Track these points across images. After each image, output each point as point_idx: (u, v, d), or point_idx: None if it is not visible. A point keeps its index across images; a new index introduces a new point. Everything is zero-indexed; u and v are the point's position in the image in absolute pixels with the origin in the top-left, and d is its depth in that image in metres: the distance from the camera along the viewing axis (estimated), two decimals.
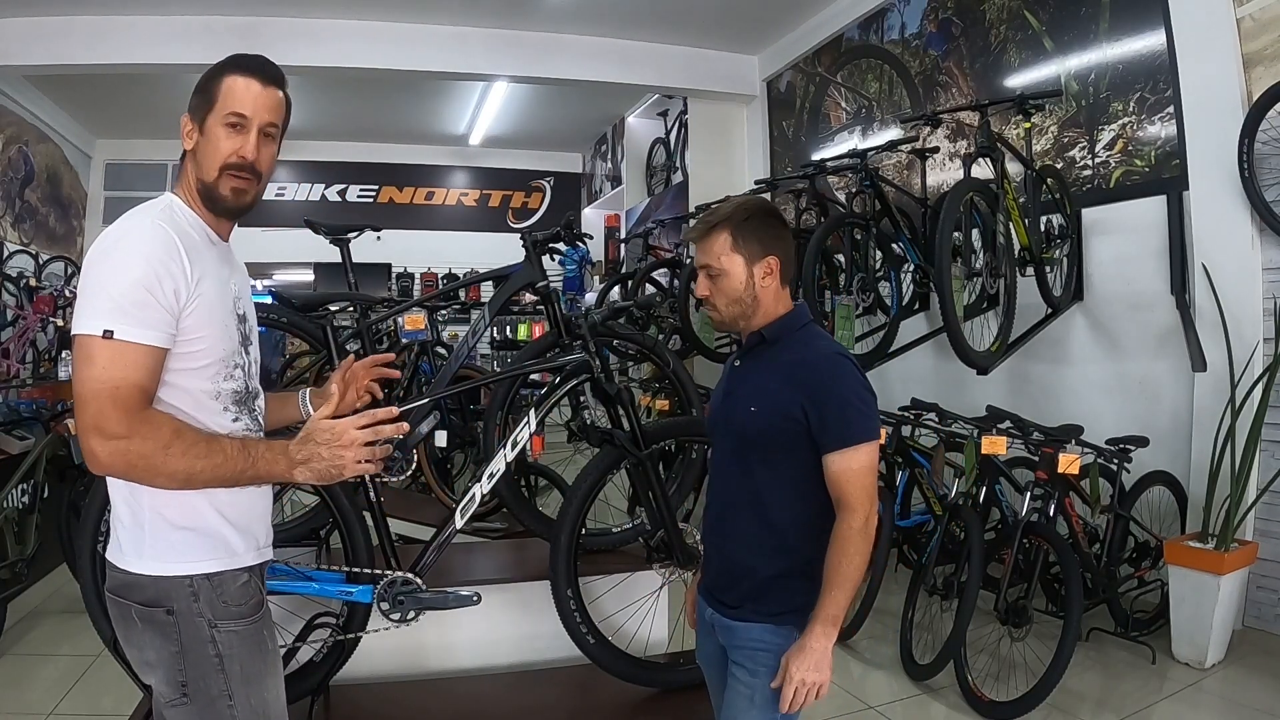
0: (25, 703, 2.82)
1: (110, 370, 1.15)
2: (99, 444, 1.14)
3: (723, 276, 1.56)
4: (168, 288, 1.20)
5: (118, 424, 1.15)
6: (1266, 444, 3.23)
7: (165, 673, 1.26)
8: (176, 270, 1.21)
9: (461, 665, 2.44)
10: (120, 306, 1.16)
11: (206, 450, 1.20)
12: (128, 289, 1.17)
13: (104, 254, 1.20)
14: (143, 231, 1.22)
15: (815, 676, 1.42)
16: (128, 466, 1.17)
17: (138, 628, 1.26)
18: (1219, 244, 3.46)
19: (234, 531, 1.31)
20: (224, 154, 1.30)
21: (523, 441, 2.12)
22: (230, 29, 5.66)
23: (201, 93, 1.31)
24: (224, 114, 1.29)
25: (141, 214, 1.27)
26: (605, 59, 6.52)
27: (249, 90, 1.30)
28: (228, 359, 1.31)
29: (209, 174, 1.31)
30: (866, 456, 1.47)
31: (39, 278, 6.88)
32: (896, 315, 4.05)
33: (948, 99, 5.04)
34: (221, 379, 1.31)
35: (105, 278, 1.18)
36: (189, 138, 1.32)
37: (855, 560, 1.44)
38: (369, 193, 9.80)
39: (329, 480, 1.30)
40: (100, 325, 1.15)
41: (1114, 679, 3.05)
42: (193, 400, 1.27)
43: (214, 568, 1.27)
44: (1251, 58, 3.38)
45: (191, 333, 1.24)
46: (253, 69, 1.32)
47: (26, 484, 3.66)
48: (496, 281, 2.71)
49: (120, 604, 1.27)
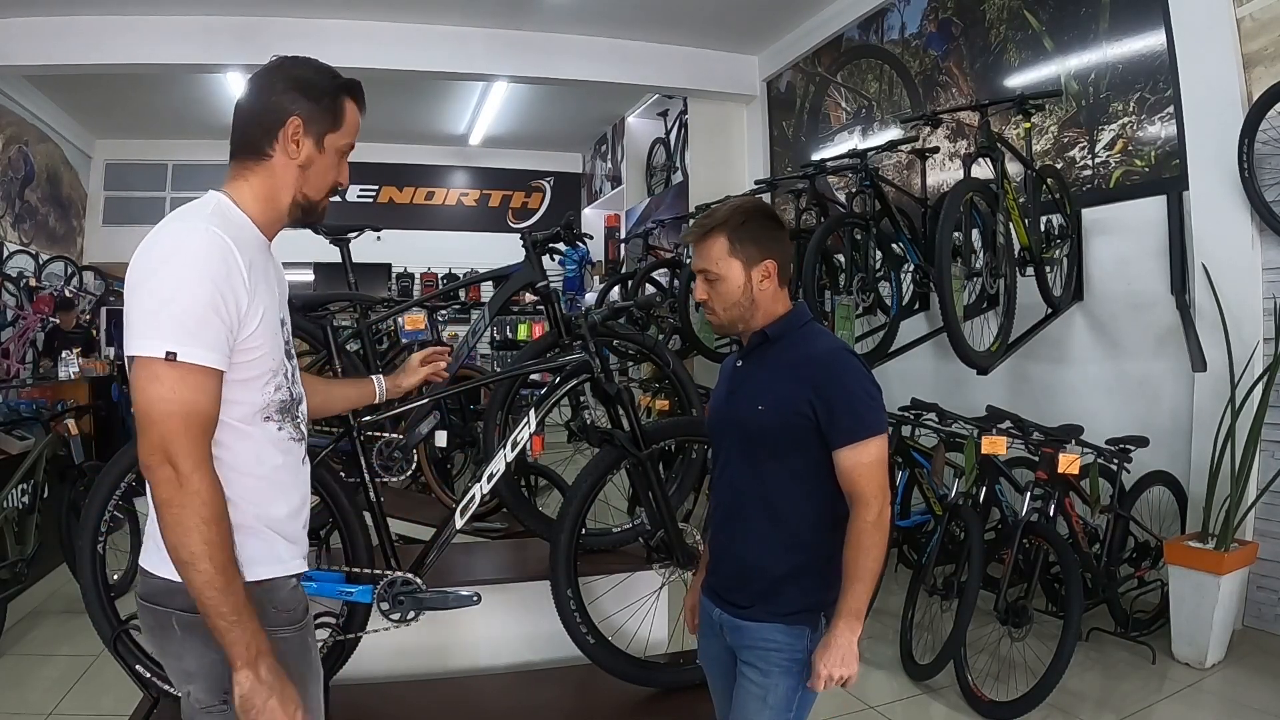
0: (25, 703, 2.82)
1: (179, 392, 1.09)
2: (159, 466, 1.10)
3: (720, 281, 1.55)
4: (230, 303, 1.13)
5: (185, 454, 1.10)
6: (1266, 444, 3.23)
7: (207, 681, 1.20)
8: (238, 283, 1.15)
9: (461, 665, 2.44)
10: (183, 326, 1.09)
11: (223, 564, 1.12)
12: (190, 306, 1.10)
13: (160, 264, 1.12)
14: (202, 241, 1.14)
15: (843, 670, 1.44)
16: (164, 503, 1.11)
17: (177, 636, 1.20)
18: (1219, 244, 3.46)
19: (281, 539, 1.27)
20: (335, 179, 1.31)
21: (523, 441, 2.12)
22: (230, 29, 5.67)
23: (322, 106, 1.26)
24: (345, 141, 1.29)
25: (193, 218, 1.17)
26: (605, 59, 6.52)
27: (359, 121, 1.32)
28: (277, 369, 1.26)
29: (317, 193, 1.30)
30: (877, 450, 1.47)
31: (39, 278, 6.90)
32: (896, 315, 4.05)
33: (948, 99, 5.04)
34: (271, 389, 1.25)
35: (165, 293, 1.10)
36: (297, 146, 1.24)
37: (873, 553, 1.45)
38: (369, 193, 9.81)
39: (244, 704, 1.14)
40: (163, 346, 1.08)
41: (1114, 679, 3.05)
42: (241, 412, 1.21)
43: (267, 574, 1.24)
44: (1251, 58, 3.38)
45: (248, 344, 1.19)
46: (361, 100, 1.33)
47: (26, 484, 3.66)
48: (496, 281, 2.72)
49: (159, 611, 1.21)
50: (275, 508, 1.26)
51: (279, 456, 1.27)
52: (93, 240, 8.74)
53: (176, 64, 5.91)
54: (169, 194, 9.01)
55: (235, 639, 1.13)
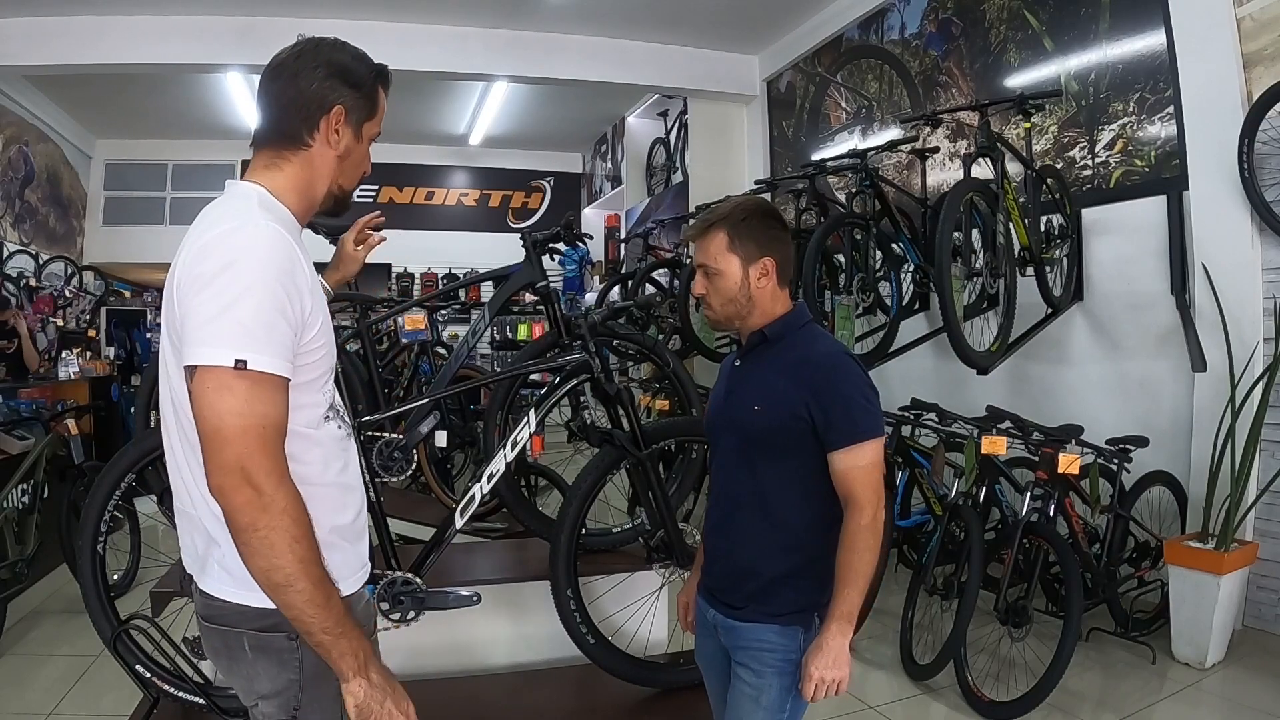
0: (25, 703, 2.82)
1: (254, 405, 1.02)
2: (237, 488, 1.01)
3: (719, 276, 1.56)
4: (295, 305, 1.07)
5: (266, 472, 1.02)
6: (1266, 444, 3.23)
7: (280, 699, 1.16)
8: (302, 282, 1.09)
9: (461, 665, 2.45)
10: (251, 332, 1.01)
11: (319, 579, 1.06)
12: (257, 311, 1.02)
13: (223, 269, 1.03)
14: (266, 240, 1.06)
15: (834, 673, 1.44)
16: (247, 527, 1.02)
17: (248, 658, 1.14)
18: (1219, 244, 3.46)
19: (352, 548, 1.23)
20: (366, 168, 1.28)
21: (523, 441, 2.12)
22: (230, 29, 5.67)
23: (363, 93, 1.22)
24: (376, 130, 1.26)
25: (243, 213, 1.09)
26: (605, 59, 6.52)
27: (385, 109, 1.28)
28: (332, 367, 1.21)
29: (350, 182, 1.26)
30: (872, 453, 1.48)
31: (39, 278, 6.89)
32: (896, 315, 4.05)
33: (948, 99, 5.04)
34: (329, 388, 1.20)
35: (228, 297, 1.02)
36: (339, 135, 1.19)
37: (866, 557, 1.45)
38: (369, 193, 9.80)
39: (362, 713, 1.12)
40: (231, 354, 1.00)
41: (1114, 679, 3.05)
42: (308, 417, 1.15)
43: (347, 590, 1.17)
44: (1251, 58, 3.38)
45: (313, 343, 1.12)
46: (389, 86, 1.28)
47: (26, 484, 3.66)
48: (496, 281, 2.71)
49: (228, 633, 1.15)
50: (343, 515, 1.22)
51: (340, 459, 1.22)
52: (93, 240, 8.74)
53: (176, 64, 5.90)
54: (169, 194, 9.01)
55: (343, 650, 1.08)
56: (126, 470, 2.05)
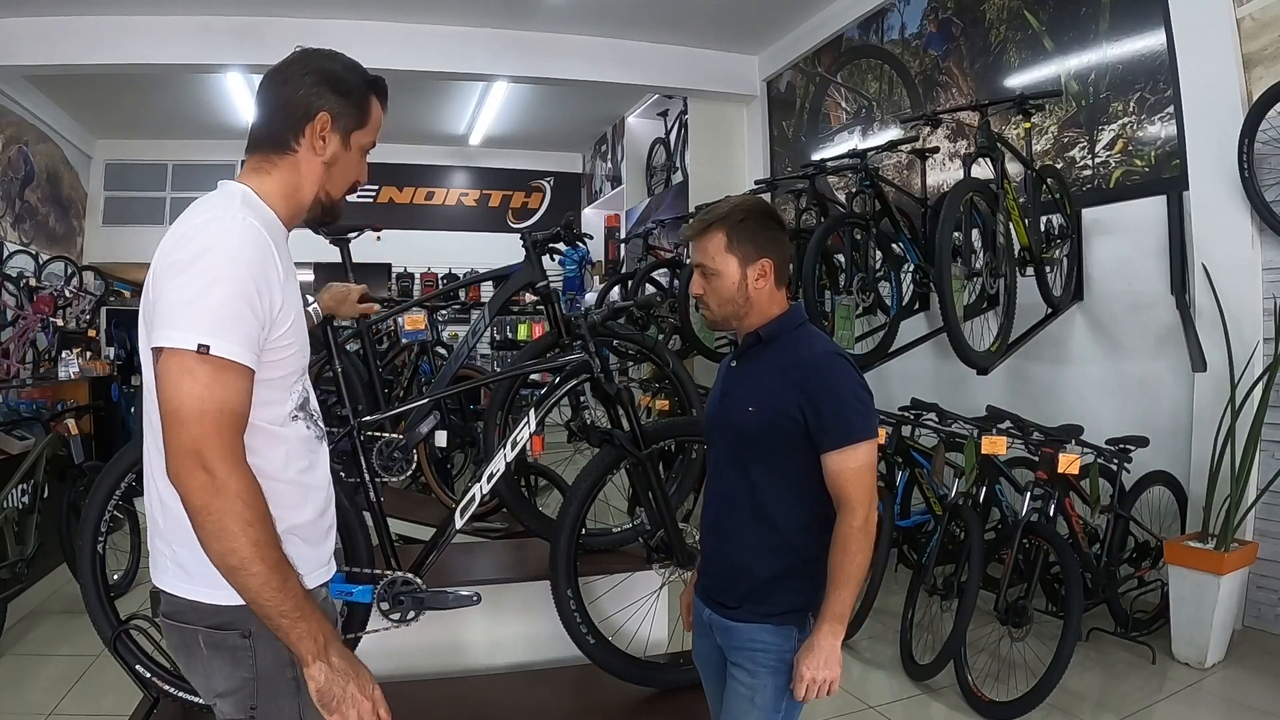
0: (25, 703, 2.82)
1: (214, 389, 1.03)
2: (191, 471, 1.02)
3: (716, 276, 1.56)
4: (265, 299, 1.09)
5: (221, 457, 1.03)
6: (1266, 444, 3.23)
7: (236, 697, 1.17)
8: (274, 278, 1.11)
9: (461, 665, 2.45)
10: (218, 319, 1.04)
11: (275, 561, 1.06)
12: (225, 299, 1.05)
13: (196, 258, 1.06)
14: (239, 232, 1.09)
15: (826, 674, 1.44)
16: (200, 510, 1.03)
17: (203, 654, 1.16)
18: (1219, 244, 3.46)
19: (308, 546, 1.23)
20: (357, 177, 1.29)
21: (523, 441, 2.11)
22: (230, 29, 5.67)
23: (351, 102, 1.23)
24: (368, 139, 1.27)
25: (223, 207, 1.13)
26: (605, 59, 6.52)
27: (381, 119, 1.29)
28: (303, 367, 1.23)
29: (338, 190, 1.28)
30: (865, 455, 1.48)
31: (39, 278, 6.89)
32: (896, 315, 4.05)
33: (948, 99, 5.04)
34: (299, 388, 1.22)
35: (200, 285, 1.05)
36: (324, 142, 1.21)
37: (857, 558, 1.45)
38: (369, 193, 9.80)
39: (323, 697, 1.11)
40: (195, 338, 1.03)
41: (1114, 679, 3.05)
42: (273, 414, 1.16)
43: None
44: (1251, 58, 3.38)
45: (281, 340, 1.14)
46: (385, 98, 1.30)
47: (26, 484, 3.66)
48: (496, 281, 2.72)
49: (185, 629, 1.16)
50: (301, 514, 1.23)
51: (304, 459, 1.23)
52: (93, 240, 8.73)
53: (176, 64, 5.90)
54: (169, 194, 9.01)
55: (302, 634, 1.08)
56: (126, 470, 2.04)
